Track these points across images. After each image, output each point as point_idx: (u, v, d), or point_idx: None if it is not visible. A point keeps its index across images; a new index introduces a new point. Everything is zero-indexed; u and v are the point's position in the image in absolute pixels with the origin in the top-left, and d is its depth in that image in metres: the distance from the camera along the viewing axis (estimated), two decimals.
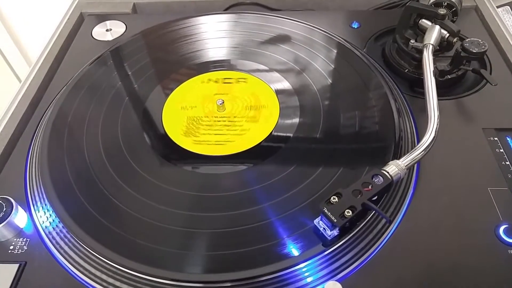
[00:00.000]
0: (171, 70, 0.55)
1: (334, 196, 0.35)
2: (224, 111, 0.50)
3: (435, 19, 0.49)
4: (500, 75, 0.51)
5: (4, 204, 0.39)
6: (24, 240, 0.39)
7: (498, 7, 0.65)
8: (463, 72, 0.50)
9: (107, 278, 0.36)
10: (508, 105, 0.48)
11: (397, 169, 0.36)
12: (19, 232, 0.40)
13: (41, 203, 0.41)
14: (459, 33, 0.48)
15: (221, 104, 0.49)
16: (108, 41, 0.63)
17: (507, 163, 0.42)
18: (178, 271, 0.35)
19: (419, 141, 0.41)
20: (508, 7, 0.67)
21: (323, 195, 0.37)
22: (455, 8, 0.51)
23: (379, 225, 0.38)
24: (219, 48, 0.58)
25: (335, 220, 0.34)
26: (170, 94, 0.52)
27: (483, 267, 0.35)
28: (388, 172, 0.36)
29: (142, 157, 0.45)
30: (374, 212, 0.37)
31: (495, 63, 0.53)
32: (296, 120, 0.48)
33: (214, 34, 0.60)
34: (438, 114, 0.41)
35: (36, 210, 0.41)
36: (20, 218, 0.40)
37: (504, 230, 0.37)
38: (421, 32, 0.51)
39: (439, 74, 0.49)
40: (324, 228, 0.36)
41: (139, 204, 0.40)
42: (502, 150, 0.44)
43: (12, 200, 0.40)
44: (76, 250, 0.38)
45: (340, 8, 0.69)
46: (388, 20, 0.60)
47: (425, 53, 0.47)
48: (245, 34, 0.59)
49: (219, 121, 0.49)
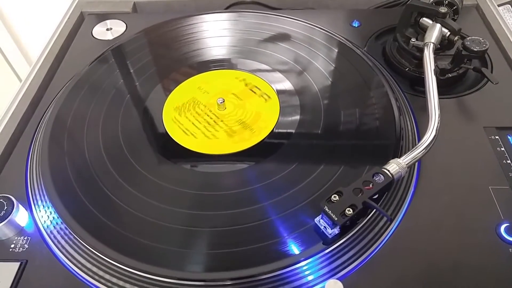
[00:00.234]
0: (172, 69, 0.55)
1: (335, 195, 0.35)
2: (223, 111, 0.50)
3: (436, 17, 0.49)
4: (501, 73, 0.51)
5: (5, 202, 0.39)
6: (25, 238, 0.39)
7: (499, 5, 0.64)
8: (464, 71, 0.50)
9: (108, 277, 0.36)
10: (509, 103, 0.48)
11: (398, 167, 0.36)
12: (20, 231, 0.40)
13: (42, 201, 0.41)
14: (460, 31, 0.48)
15: (221, 103, 0.49)
16: (108, 40, 0.63)
17: (508, 161, 0.42)
18: (179, 270, 0.35)
19: (420, 139, 0.41)
20: (509, 5, 0.67)
21: (324, 194, 0.37)
22: (456, 7, 0.51)
23: (380, 223, 0.38)
24: (219, 47, 0.58)
25: (336, 219, 0.34)
26: (170, 93, 0.52)
27: (484, 265, 0.35)
28: (389, 170, 0.36)
29: (142, 155, 0.45)
30: (375, 210, 0.37)
31: (496, 61, 0.53)
32: (297, 118, 0.48)
33: (215, 33, 0.60)
34: (439, 112, 0.41)
35: (37, 209, 0.41)
36: (21, 216, 0.40)
37: (505, 229, 0.37)
38: (422, 31, 0.51)
39: (440, 72, 0.49)
40: (324, 227, 0.36)
41: (139, 203, 0.40)
42: (503, 149, 0.44)
43: (13, 199, 0.40)
44: (77, 249, 0.38)
45: (341, 6, 0.69)
46: (388, 19, 0.60)
47: (426, 51, 0.47)
48: (245, 32, 0.59)
49: (208, 115, 0.49)
